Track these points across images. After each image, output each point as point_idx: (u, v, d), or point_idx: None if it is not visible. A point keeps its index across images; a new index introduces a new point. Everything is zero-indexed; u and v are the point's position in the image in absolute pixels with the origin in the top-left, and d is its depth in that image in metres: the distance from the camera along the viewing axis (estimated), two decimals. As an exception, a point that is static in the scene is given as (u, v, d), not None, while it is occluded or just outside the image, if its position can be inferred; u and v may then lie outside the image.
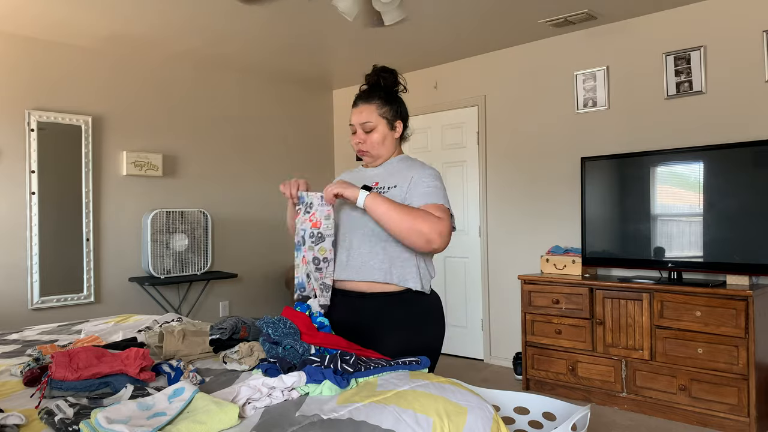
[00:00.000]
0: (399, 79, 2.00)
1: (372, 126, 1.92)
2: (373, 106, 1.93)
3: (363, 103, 1.94)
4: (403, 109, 2.00)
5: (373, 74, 1.99)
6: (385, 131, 1.94)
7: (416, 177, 1.87)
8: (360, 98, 1.96)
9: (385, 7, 2.78)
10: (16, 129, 4.03)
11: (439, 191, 1.85)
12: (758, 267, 3.27)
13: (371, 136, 1.93)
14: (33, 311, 4.08)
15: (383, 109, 1.93)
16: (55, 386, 1.39)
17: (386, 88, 1.98)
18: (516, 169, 4.63)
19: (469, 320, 4.95)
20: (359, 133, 1.95)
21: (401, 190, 1.87)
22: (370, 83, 1.99)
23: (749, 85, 3.54)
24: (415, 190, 1.84)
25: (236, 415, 1.19)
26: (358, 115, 1.94)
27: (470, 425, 1.38)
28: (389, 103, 1.95)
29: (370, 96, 1.95)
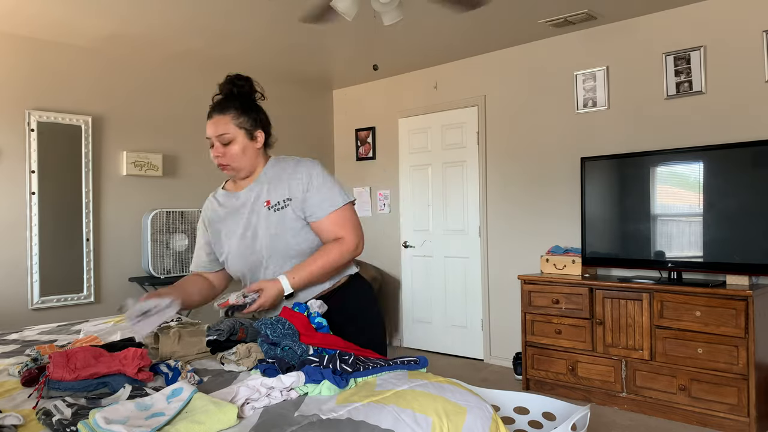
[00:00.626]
0: (255, 86, 1.91)
1: (230, 138, 1.82)
2: (228, 117, 1.82)
3: (217, 114, 1.83)
4: (263, 117, 1.91)
5: (226, 83, 1.88)
6: (244, 142, 1.84)
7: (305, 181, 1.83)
8: (214, 109, 1.85)
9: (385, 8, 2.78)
10: (16, 129, 4.03)
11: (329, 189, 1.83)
12: (758, 267, 3.26)
13: (230, 149, 1.83)
14: (33, 311, 4.08)
15: (240, 119, 1.83)
16: (53, 386, 1.38)
17: (242, 97, 1.87)
18: (516, 169, 4.63)
19: (469, 320, 4.94)
20: (217, 146, 1.83)
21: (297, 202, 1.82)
22: (224, 93, 1.88)
23: (749, 85, 3.54)
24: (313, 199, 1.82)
25: (235, 415, 1.18)
26: (213, 127, 1.82)
27: (469, 425, 1.38)
28: (246, 112, 1.85)
29: (224, 106, 1.83)
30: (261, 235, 1.83)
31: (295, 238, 1.82)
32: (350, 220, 1.85)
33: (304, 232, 1.84)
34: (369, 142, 5.70)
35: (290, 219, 1.82)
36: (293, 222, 1.82)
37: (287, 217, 1.82)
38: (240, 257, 1.89)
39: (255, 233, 1.85)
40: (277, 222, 1.82)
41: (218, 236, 1.94)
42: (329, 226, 1.83)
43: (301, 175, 1.85)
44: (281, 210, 1.83)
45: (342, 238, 1.82)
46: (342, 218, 1.83)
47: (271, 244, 1.82)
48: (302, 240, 1.83)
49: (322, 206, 1.82)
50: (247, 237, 1.86)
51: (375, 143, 5.67)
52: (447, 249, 5.09)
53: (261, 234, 1.83)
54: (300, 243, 1.83)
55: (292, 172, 1.86)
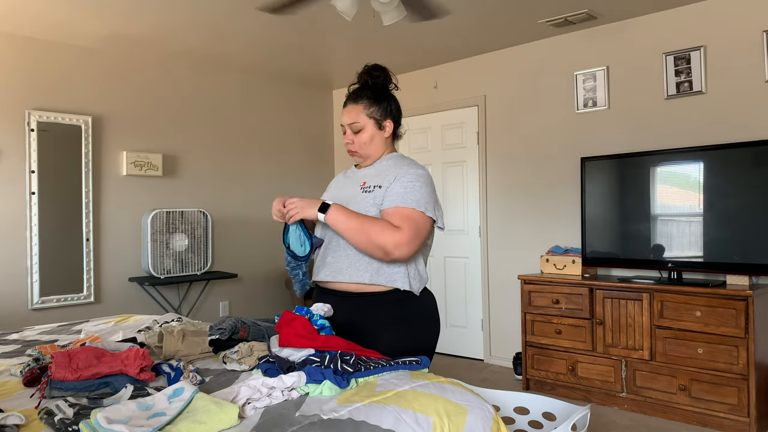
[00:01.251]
0: (390, 76, 1.97)
1: (360, 126, 1.91)
2: (361, 106, 1.91)
3: (351, 103, 1.93)
4: (394, 107, 1.96)
5: (363, 73, 1.96)
6: (373, 131, 1.92)
7: (399, 175, 1.84)
8: (349, 98, 1.95)
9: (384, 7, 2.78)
10: (16, 129, 4.03)
11: (415, 192, 1.80)
12: (758, 267, 3.27)
13: (359, 137, 1.92)
14: (33, 311, 4.08)
15: (371, 109, 1.91)
16: (55, 386, 1.39)
17: (376, 87, 1.95)
18: (516, 169, 4.63)
19: (469, 320, 4.95)
20: (348, 134, 1.94)
21: (383, 190, 1.85)
22: (360, 82, 1.97)
23: (749, 85, 3.54)
24: (393, 189, 1.82)
25: (236, 415, 1.19)
26: (346, 116, 1.93)
27: (470, 425, 1.38)
28: (378, 102, 1.92)
29: (358, 96, 1.93)
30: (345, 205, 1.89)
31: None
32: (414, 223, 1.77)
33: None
34: (369, 142, 5.69)
35: (368, 203, 1.84)
36: (368, 207, 1.84)
37: (367, 200, 1.85)
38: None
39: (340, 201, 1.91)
40: (358, 201, 1.86)
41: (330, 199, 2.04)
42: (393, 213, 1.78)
43: (402, 171, 1.86)
44: (368, 193, 1.87)
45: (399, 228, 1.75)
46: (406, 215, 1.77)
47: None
48: None
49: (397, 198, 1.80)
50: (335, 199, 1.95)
51: (375, 143, 5.66)
52: (447, 249, 5.10)
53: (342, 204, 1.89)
54: None
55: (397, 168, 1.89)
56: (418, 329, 1.87)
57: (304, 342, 1.58)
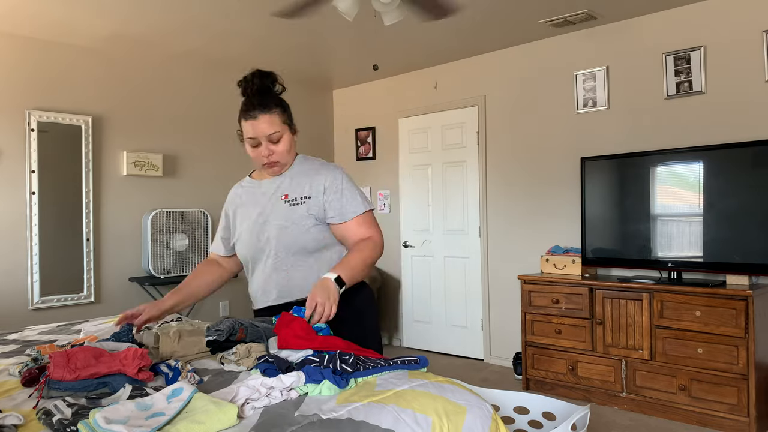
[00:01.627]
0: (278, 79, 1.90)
1: (279, 136, 1.82)
2: (276, 115, 1.81)
3: (263, 113, 1.79)
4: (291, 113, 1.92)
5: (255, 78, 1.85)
6: (289, 138, 1.87)
7: (328, 185, 1.85)
8: (256, 108, 1.80)
9: (385, 8, 2.78)
10: (16, 129, 4.03)
11: (356, 195, 1.88)
12: (758, 267, 3.27)
13: (279, 146, 1.83)
14: (33, 311, 4.08)
15: (284, 116, 1.84)
16: (53, 386, 1.39)
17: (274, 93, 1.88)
18: (516, 169, 4.63)
19: (469, 320, 4.94)
20: (266, 145, 1.82)
21: (316, 201, 1.85)
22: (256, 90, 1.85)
23: (749, 85, 3.54)
24: (334, 204, 1.85)
25: (235, 415, 1.19)
26: (260, 127, 1.79)
27: (469, 425, 1.38)
28: (285, 107, 1.86)
29: (268, 104, 1.81)
30: (271, 224, 1.86)
31: (303, 234, 1.84)
32: (373, 223, 1.91)
33: (314, 231, 1.86)
34: (369, 142, 5.70)
35: (303, 216, 1.84)
36: (305, 219, 1.84)
37: (300, 214, 1.84)
38: (247, 242, 1.92)
39: (266, 221, 1.87)
40: (289, 216, 1.85)
41: (234, 219, 2.00)
42: (355, 227, 1.87)
43: (323, 177, 1.87)
44: (297, 206, 1.85)
45: (370, 237, 1.86)
46: (366, 220, 1.88)
47: (278, 235, 1.85)
48: (311, 238, 1.85)
49: (344, 210, 1.86)
50: (258, 223, 1.89)
51: (375, 143, 5.67)
52: (447, 249, 5.10)
53: (271, 224, 1.86)
54: (308, 240, 1.85)
55: (315, 173, 1.89)
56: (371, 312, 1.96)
57: (303, 343, 1.58)
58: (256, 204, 1.92)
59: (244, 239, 1.92)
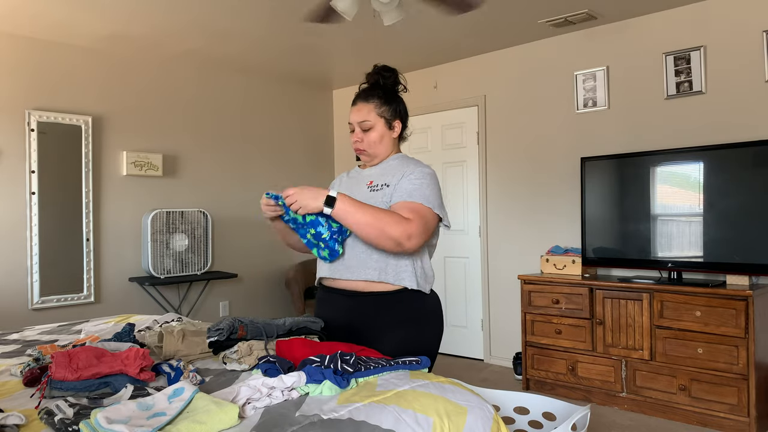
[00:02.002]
0: (399, 78, 1.99)
1: (370, 125, 1.91)
2: (372, 105, 1.91)
3: (361, 102, 1.93)
4: (402, 109, 1.98)
5: (374, 73, 1.97)
6: (382, 130, 1.93)
7: (407, 172, 1.86)
8: (359, 97, 1.95)
9: (385, 8, 2.78)
10: (16, 129, 4.03)
11: (424, 188, 1.81)
12: (758, 267, 3.27)
13: (368, 135, 1.92)
14: (33, 311, 4.08)
15: (381, 108, 1.92)
16: (55, 386, 1.39)
17: (386, 87, 1.96)
18: (516, 169, 4.63)
19: (469, 320, 4.95)
20: (357, 132, 1.94)
21: (392, 188, 1.86)
22: (370, 82, 1.98)
23: (749, 85, 3.54)
24: (402, 186, 1.83)
25: (236, 415, 1.19)
26: (356, 114, 1.92)
27: (470, 425, 1.38)
28: (388, 102, 1.93)
29: (369, 95, 1.93)
30: None
31: None
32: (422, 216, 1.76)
33: None
34: (369, 142, 5.69)
35: (377, 202, 1.85)
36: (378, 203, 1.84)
37: (375, 200, 1.85)
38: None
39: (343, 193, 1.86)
40: (370, 199, 1.86)
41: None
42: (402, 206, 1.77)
43: (407, 169, 1.88)
44: (377, 191, 1.87)
45: (410, 219, 1.73)
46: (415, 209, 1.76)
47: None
48: None
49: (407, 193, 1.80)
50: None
51: (375, 143, 5.66)
52: (447, 249, 5.10)
53: None
54: None
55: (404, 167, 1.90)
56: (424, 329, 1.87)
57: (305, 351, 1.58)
58: (351, 186, 1.98)
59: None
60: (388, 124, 1.94)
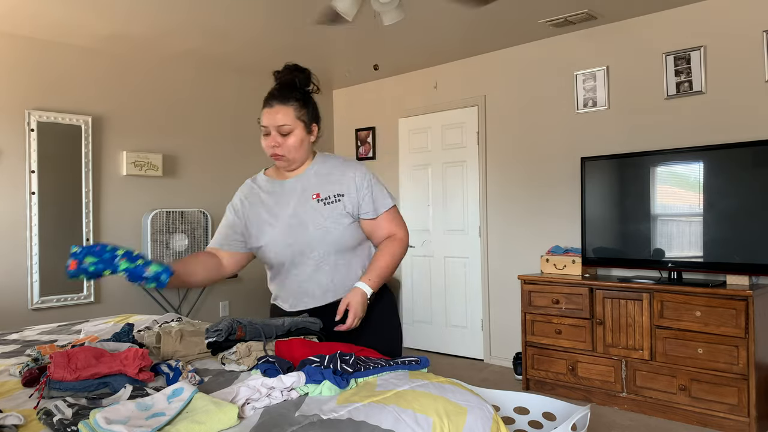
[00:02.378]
0: (312, 79, 1.90)
1: (289, 129, 1.79)
2: (290, 108, 1.79)
3: (279, 104, 1.79)
4: (316, 111, 1.89)
5: (286, 72, 1.85)
6: (302, 135, 1.81)
7: (359, 181, 1.85)
8: (274, 98, 1.81)
9: (385, 8, 2.78)
10: (16, 129, 4.03)
11: (382, 190, 1.90)
12: (758, 267, 3.27)
13: (287, 140, 1.79)
14: (33, 311, 4.08)
15: (301, 112, 1.81)
16: (54, 386, 1.39)
17: (302, 89, 1.86)
18: (516, 169, 4.63)
19: (469, 320, 4.94)
20: (274, 136, 1.79)
21: (350, 198, 1.84)
22: (283, 82, 1.85)
23: (749, 85, 3.54)
24: (366, 200, 1.85)
25: (235, 416, 1.19)
26: (273, 117, 1.78)
27: (470, 425, 1.38)
28: (306, 105, 1.83)
29: (286, 96, 1.80)
30: (311, 227, 1.81)
31: (345, 232, 1.83)
32: (399, 217, 1.94)
33: (352, 228, 1.85)
34: (369, 142, 5.70)
35: (341, 214, 1.83)
36: (343, 217, 1.83)
37: (338, 212, 1.83)
38: (283, 246, 1.83)
39: (303, 224, 1.82)
40: (329, 215, 1.82)
41: (258, 221, 1.89)
42: (384, 223, 1.89)
43: (353, 173, 1.87)
44: (332, 204, 1.83)
45: (395, 235, 1.90)
46: (394, 215, 1.92)
47: (321, 236, 1.81)
48: (350, 236, 1.85)
49: (375, 205, 1.87)
50: (293, 226, 1.82)
51: (375, 143, 5.67)
52: (447, 249, 5.09)
53: (311, 226, 1.81)
54: (347, 238, 1.84)
55: (343, 170, 1.88)
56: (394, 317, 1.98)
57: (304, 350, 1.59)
58: (284, 205, 1.86)
59: (278, 243, 1.84)
60: (307, 129, 1.83)
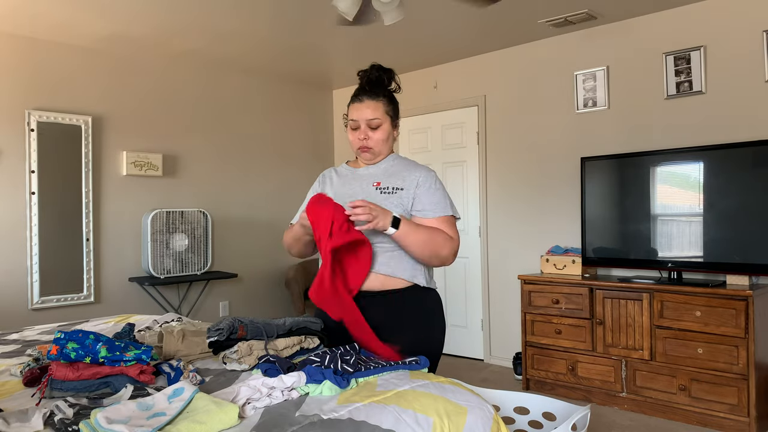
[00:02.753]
0: (396, 78, 1.99)
1: (378, 123, 1.89)
2: (380, 103, 1.89)
3: (369, 99, 1.89)
4: (398, 110, 2.00)
5: (375, 70, 1.94)
6: (389, 129, 1.92)
7: (422, 180, 1.87)
8: (365, 93, 1.91)
9: (385, 7, 2.78)
10: (16, 129, 4.03)
11: (446, 198, 1.89)
12: (758, 267, 3.27)
13: (376, 133, 1.90)
14: (33, 311, 4.08)
15: (389, 107, 1.91)
16: (55, 386, 1.39)
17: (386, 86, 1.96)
18: (516, 169, 4.63)
19: (469, 320, 4.95)
20: (363, 129, 1.89)
21: (408, 193, 1.86)
22: (372, 79, 1.94)
23: (749, 85, 3.54)
24: (424, 198, 1.85)
25: (236, 415, 1.19)
26: (363, 111, 1.88)
27: (470, 425, 1.38)
28: (393, 101, 1.94)
29: (376, 92, 1.91)
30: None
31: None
32: (455, 229, 1.88)
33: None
34: (369, 142, 5.69)
35: (392, 204, 1.85)
36: (393, 207, 1.84)
37: (390, 202, 1.85)
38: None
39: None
40: (379, 202, 1.85)
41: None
42: (438, 224, 1.85)
43: (419, 174, 1.90)
44: (388, 194, 1.87)
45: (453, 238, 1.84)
46: (450, 223, 1.87)
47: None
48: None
49: (434, 207, 1.86)
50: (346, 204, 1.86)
51: (375, 143, 5.66)
52: (447, 249, 5.09)
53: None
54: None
55: (410, 169, 1.91)
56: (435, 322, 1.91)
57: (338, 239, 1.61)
58: (348, 186, 1.94)
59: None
60: (392, 123, 1.94)
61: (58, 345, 1.43)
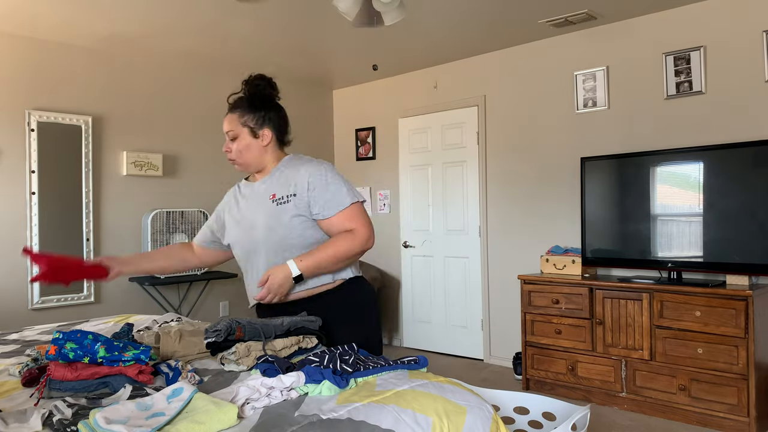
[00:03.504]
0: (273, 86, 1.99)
1: (234, 135, 1.93)
2: (235, 115, 1.93)
3: (228, 113, 1.95)
4: (273, 116, 1.96)
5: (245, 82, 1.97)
6: (247, 140, 1.92)
7: (311, 180, 1.87)
8: (229, 108, 1.97)
9: (386, 7, 2.78)
10: (16, 129, 4.03)
11: (342, 188, 1.87)
12: (758, 267, 3.27)
13: (234, 145, 1.94)
14: (33, 311, 4.08)
15: (244, 118, 1.92)
16: (54, 386, 1.39)
17: (254, 96, 1.95)
18: (516, 169, 4.63)
19: (469, 320, 4.94)
20: (227, 142, 1.96)
21: (301, 198, 1.86)
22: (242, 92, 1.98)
23: (749, 85, 3.54)
24: (319, 198, 1.85)
25: (235, 415, 1.19)
26: (224, 124, 1.96)
27: (469, 425, 1.38)
28: (253, 111, 1.92)
29: (234, 105, 1.95)
30: (259, 226, 1.90)
31: (291, 232, 1.86)
32: (360, 215, 1.88)
33: (302, 228, 1.87)
34: (369, 142, 5.70)
35: (290, 214, 1.87)
36: (292, 217, 1.86)
37: (287, 212, 1.87)
38: (240, 244, 1.98)
39: (254, 225, 1.92)
40: (276, 215, 1.87)
41: (229, 222, 2.04)
42: (338, 222, 1.87)
43: (307, 173, 1.89)
44: (283, 204, 1.88)
45: (353, 230, 1.86)
46: (351, 215, 1.87)
47: (265, 237, 1.88)
48: (297, 236, 1.87)
49: (329, 205, 1.86)
50: (245, 226, 1.94)
51: (375, 143, 5.67)
52: (447, 249, 5.09)
53: (259, 225, 1.90)
54: (294, 237, 1.87)
55: (299, 170, 1.91)
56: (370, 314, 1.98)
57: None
58: (248, 205, 1.97)
59: (238, 240, 1.97)
60: (252, 133, 1.93)
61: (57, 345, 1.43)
